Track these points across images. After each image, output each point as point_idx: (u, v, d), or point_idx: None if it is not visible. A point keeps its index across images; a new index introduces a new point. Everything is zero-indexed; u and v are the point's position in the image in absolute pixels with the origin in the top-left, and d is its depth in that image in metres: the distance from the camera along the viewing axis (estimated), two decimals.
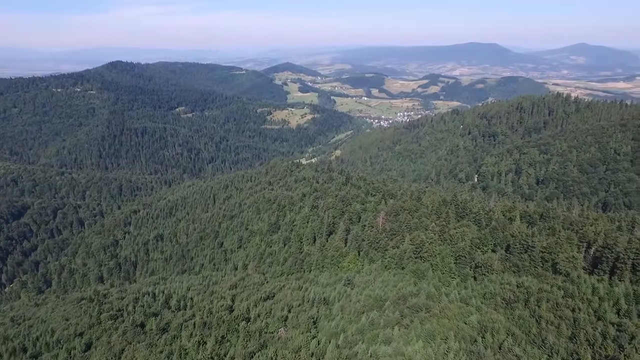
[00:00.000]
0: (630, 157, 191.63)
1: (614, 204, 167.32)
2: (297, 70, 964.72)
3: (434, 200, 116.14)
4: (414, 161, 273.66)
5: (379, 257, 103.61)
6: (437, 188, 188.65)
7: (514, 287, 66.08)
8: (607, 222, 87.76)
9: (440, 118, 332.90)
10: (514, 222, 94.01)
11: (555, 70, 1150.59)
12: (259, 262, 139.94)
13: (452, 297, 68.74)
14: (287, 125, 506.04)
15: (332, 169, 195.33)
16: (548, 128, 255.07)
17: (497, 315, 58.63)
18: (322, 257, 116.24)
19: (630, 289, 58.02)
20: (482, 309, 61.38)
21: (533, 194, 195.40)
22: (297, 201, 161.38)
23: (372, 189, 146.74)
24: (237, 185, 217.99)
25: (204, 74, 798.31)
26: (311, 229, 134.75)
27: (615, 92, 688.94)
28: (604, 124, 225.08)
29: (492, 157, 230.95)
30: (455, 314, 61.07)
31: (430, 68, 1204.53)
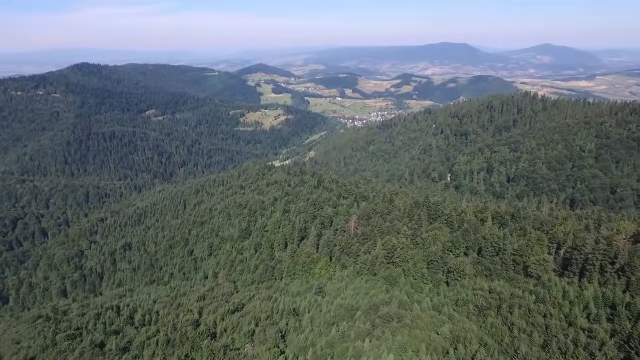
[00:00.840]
0: (594, 154, 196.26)
1: (580, 200, 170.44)
2: (271, 71, 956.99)
3: (406, 203, 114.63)
4: (388, 161, 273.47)
5: (351, 262, 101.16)
6: (410, 189, 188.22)
7: (486, 293, 64.59)
8: (576, 222, 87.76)
9: (413, 117, 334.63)
10: (486, 224, 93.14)
11: (522, 69, 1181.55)
12: (229, 270, 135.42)
13: (424, 305, 66.73)
14: (261, 127, 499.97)
15: (304, 172, 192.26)
16: (517, 126, 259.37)
17: (469, 323, 56.81)
18: (293, 263, 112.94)
19: (599, 292, 57.21)
20: (455, 318, 59.50)
21: (504, 191, 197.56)
22: (268, 206, 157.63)
23: (344, 191, 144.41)
24: (209, 190, 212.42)
25: (175, 76, 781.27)
26: (282, 234, 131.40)
27: (578, 90, 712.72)
28: (569, 122, 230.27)
29: (464, 156, 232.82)
30: (427, 323, 58.96)
31: (403, 68, 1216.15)
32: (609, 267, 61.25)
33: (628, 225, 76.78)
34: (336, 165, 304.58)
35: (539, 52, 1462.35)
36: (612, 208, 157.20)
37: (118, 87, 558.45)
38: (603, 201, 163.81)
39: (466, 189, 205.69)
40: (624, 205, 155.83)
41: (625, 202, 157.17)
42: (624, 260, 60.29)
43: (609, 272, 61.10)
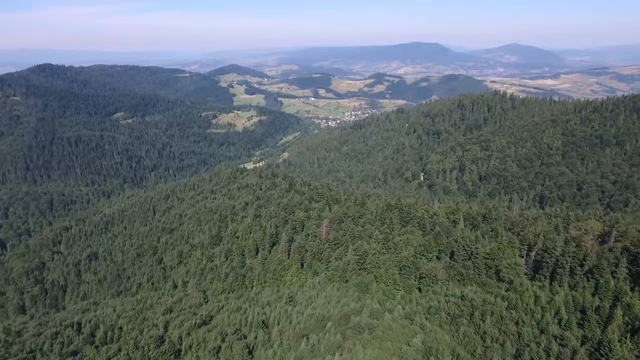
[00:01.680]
0: (561, 152, 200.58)
1: (549, 197, 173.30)
2: (243, 72, 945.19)
3: (378, 205, 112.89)
4: (362, 161, 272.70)
5: (322, 268, 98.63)
6: (383, 190, 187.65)
7: (458, 299, 63.09)
8: (545, 222, 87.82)
9: (386, 117, 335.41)
10: (458, 226, 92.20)
11: (491, 68, 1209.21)
12: (199, 279, 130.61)
13: (396, 313, 64.71)
14: (234, 129, 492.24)
15: (276, 175, 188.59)
16: (488, 124, 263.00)
17: (442, 333, 55.03)
18: (264, 271, 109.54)
19: (570, 296, 56.49)
20: (427, 327, 57.63)
21: (477, 190, 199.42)
22: (239, 210, 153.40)
23: (316, 194, 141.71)
24: (179, 195, 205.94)
25: (145, 78, 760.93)
26: (253, 240, 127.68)
27: (545, 88, 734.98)
28: (537, 120, 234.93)
29: (437, 155, 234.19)
30: (398, 334, 56.86)
31: (376, 67, 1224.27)
32: (579, 270, 60.77)
33: (595, 225, 76.99)
34: (310, 166, 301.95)
35: (506, 51, 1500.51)
36: (579, 204, 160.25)
37: (84, 89, 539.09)
38: (570, 198, 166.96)
39: (439, 188, 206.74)
40: (589, 202, 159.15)
41: (590, 198, 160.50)
42: (593, 262, 59.86)
43: (579, 274, 60.61)
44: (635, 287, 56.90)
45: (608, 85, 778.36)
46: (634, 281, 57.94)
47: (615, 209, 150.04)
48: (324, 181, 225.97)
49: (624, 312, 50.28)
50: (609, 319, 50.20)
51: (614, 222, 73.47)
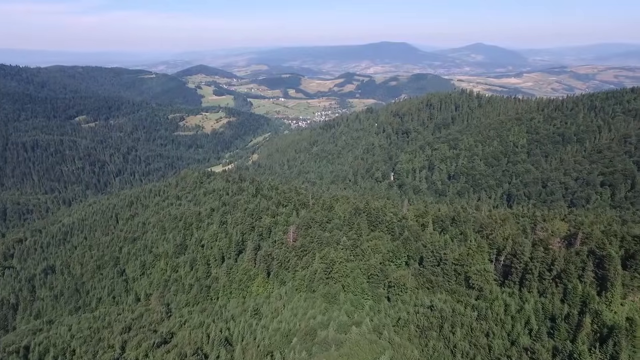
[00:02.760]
0: (526, 149, 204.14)
1: (516, 195, 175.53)
2: (212, 72, 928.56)
3: (346, 210, 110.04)
4: (332, 162, 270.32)
5: (289, 277, 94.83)
6: (352, 191, 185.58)
7: (427, 310, 60.73)
8: (513, 223, 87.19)
9: (356, 117, 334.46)
10: (427, 229, 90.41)
11: (458, 67, 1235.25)
12: (163, 291, 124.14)
13: (364, 327, 61.76)
14: (202, 131, 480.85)
15: (243, 178, 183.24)
16: (456, 123, 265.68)
17: (411, 348, 52.40)
18: (229, 281, 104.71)
19: (539, 303, 55.03)
20: (395, 342, 54.88)
21: (446, 189, 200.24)
22: (205, 217, 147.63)
23: (283, 199, 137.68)
24: (144, 202, 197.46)
25: (109, 79, 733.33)
26: (219, 248, 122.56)
27: (509, 86, 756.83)
28: (502, 119, 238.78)
29: (406, 155, 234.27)
30: (366, 351, 53.88)
31: (345, 67, 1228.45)
32: (547, 275, 59.52)
33: (561, 226, 76.59)
34: (280, 168, 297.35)
35: (472, 51, 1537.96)
36: (544, 202, 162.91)
37: (42, 91, 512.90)
38: (536, 195, 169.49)
39: (409, 188, 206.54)
40: (554, 199, 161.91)
41: (555, 195, 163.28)
42: (561, 266, 58.71)
43: (547, 279, 59.33)
44: (601, 291, 55.98)
45: (567, 84, 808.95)
46: (599, 285, 57.05)
47: (578, 205, 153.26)
48: (294, 183, 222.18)
49: (593, 320, 49.02)
50: (578, 328, 48.87)
51: (579, 223, 73.09)
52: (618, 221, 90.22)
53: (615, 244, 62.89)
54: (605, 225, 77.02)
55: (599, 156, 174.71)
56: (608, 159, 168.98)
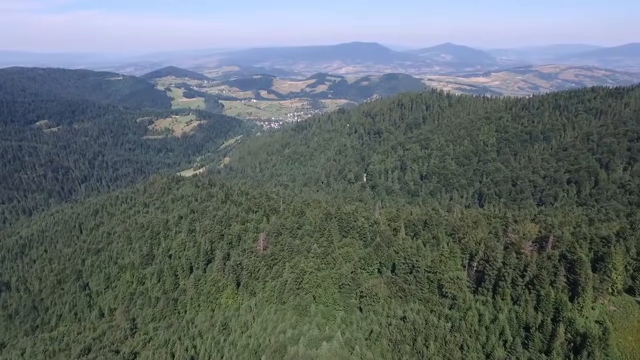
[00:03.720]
0: (496, 148, 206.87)
1: (487, 193, 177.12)
2: (182, 74, 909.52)
3: (317, 215, 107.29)
4: (304, 164, 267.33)
5: (259, 288, 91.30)
6: (324, 194, 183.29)
7: (400, 322, 58.57)
8: (485, 224, 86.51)
9: (328, 118, 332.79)
10: (399, 234, 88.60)
11: (429, 67, 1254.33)
12: (128, 305, 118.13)
13: (335, 342, 59.04)
14: (172, 134, 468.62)
15: (212, 184, 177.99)
16: (427, 123, 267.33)
17: None
18: (197, 293, 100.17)
19: (513, 312, 53.72)
20: (367, 358, 52.44)
21: (418, 189, 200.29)
22: (172, 225, 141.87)
23: (253, 204, 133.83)
24: (110, 210, 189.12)
25: (73, 81, 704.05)
26: (187, 258, 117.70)
27: (478, 85, 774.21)
28: (472, 118, 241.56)
29: (379, 155, 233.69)
30: None
31: (317, 67, 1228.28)
32: (520, 281, 58.46)
33: (532, 228, 76.19)
34: (252, 171, 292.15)
35: (442, 51, 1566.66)
36: (515, 200, 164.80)
37: None
38: (506, 194, 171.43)
39: (382, 189, 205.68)
40: (523, 197, 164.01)
41: (524, 193, 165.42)
42: (533, 272, 57.70)
43: (520, 285, 58.25)
44: (573, 296, 55.22)
45: (532, 82, 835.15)
46: (571, 290, 56.32)
47: (547, 203, 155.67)
48: (266, 187, 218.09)
49: (566, 328, 47.91)
50: (552, 337, 47.71)
51: (549, 226, 72.69)
52: (585, 220, 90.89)
53: (584, 247, 62.47)
54: (574, 225, 77.05)
55: (564, 154, 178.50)
56: (573, 156, 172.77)
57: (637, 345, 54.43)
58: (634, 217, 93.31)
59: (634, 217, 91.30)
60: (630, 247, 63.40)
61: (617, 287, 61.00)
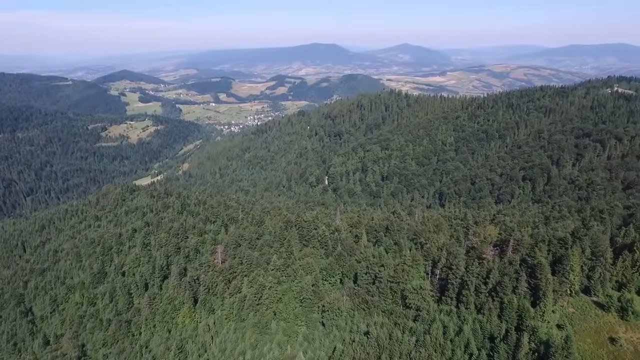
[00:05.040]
0: (454, 147, 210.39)
1: (447, 193, 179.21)
2: (137, 78, 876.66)
3: (277, 224, 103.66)
4: (265, 168, 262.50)
5: (218, 304, 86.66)
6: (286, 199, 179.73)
7: (364, 338, 56.14)
8: (446, 228, 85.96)
9: (288, 120, 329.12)
10: (361, 241, 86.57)
11: (387, 67, 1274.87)
12: (77, 329, 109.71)
13: None
14: (127, 141, 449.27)
15: (169, 193, 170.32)
16: (386, 123, 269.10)
17: None
18: (152, 313, 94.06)
19: (477, 322, 52.52)
20: None
21: (380, 190, 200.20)
22: (126, 240, 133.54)
23: (211, 214, 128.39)
24: (58, 225, 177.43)
25: (15, 87, 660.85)
26: (141, 275, 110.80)
27: (435, 85, 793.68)
28: (430, 118, 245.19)
29: (339, 157, 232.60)
30: None
31: (277, 69, 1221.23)
32: (483, 288, 57.53)
33: (492, 231, 76.05)
34: (211, 177, 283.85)
35: (399, 51, 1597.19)
36: (474, 198, 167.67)
37: None
38: (466, 192, 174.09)
39: (344, 192, 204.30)
40: (482, 195, 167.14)
41: (483, 192, 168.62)
42: (496, 278, 56.90)
43: (484, 293, 57.31)
44: (535, 301, 54.75)
45: (485, 81, 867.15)
46: (533, 294, 55.87)
47: (504, 200, 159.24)
48: (226, 193, 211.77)
49: (530, 337, 47.01)
50: (517, 347, 46.73)
51: (509, 229, 72.72)
52: (542, 219, 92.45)
53: (543, 249, 62.46)
54: (532, 226, 77.62)
55: (519, 152, 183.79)
56: (527, 154, 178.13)
57: (596, 347, 54.70)
58: (584, 213, 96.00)
59: (585, 214, 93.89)
60: (585, 247, 64.06)
61: (575, 288, 61.41)
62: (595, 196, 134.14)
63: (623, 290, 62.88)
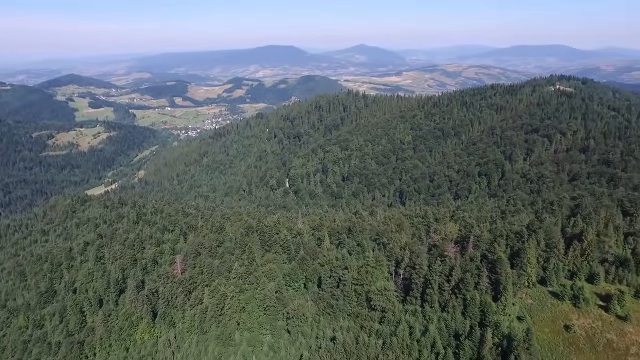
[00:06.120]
0: (412, 146, 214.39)
1: (407, 191, 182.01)
2: (86, 82, 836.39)
3: (237, 230, 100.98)
4: (224, 172, 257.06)
5: (179, 317, 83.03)
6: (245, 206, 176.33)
7: (330, 344, 55.13)
8: (408, 226, 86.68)
9: (246, 123, 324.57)
10: (324, 243, 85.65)
11: (344, 67, 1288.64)
12: (21, 356, 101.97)
13: None
14: (77, 149, 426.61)
15: (123, 202, 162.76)
16: (345, 124, 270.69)
17: None
18: (107, 331, 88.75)
19: (442, 321, 52.87)
20: None
21: (341, 191, 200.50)
22: (77, 254, 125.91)
23: (168, 223, 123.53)
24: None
25: None
26: (95, 291, 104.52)
27: (391, 84, 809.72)
28: (388, 117, 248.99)
29: (299, 159, 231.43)
30: None
31: (234, 72, 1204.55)
32: (446, 286, 58.05)
33: (453, 228, 77.20)
34: (169, 183, 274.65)
35: (356, 52, 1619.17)
36: (433, 195, 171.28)
37: None
38: (425, 190, 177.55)
39: (305, 194, 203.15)
40: (441, 192, 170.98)
41: (442, 188, 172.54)
42: (458, 275, 57.57)
43: (447, 291, 57.85)
44: (496, 296, 55.78)
45: (439, 80, 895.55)
46: (494, 289, 56.91)
47: (462, 196, 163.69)
48: (184, 200, 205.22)
49: (493, 332, 47.69)
50: (481, 343, 47.22)
51: (469, 225, 74.12)
52: (498, 213, 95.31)
53: (502, 244, 63.96)
54: (490, 221, 79.56)
55: (474, 148, 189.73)
56: (482, 150, 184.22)
57: (553, 336, 56.51)
58: (536, 206, 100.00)
59: (537, 206, 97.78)
60: (540, 239, 66.22)
61: (532, 279, 63.29)
62: (545, 189, 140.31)
63: (574, 279, 65.56)
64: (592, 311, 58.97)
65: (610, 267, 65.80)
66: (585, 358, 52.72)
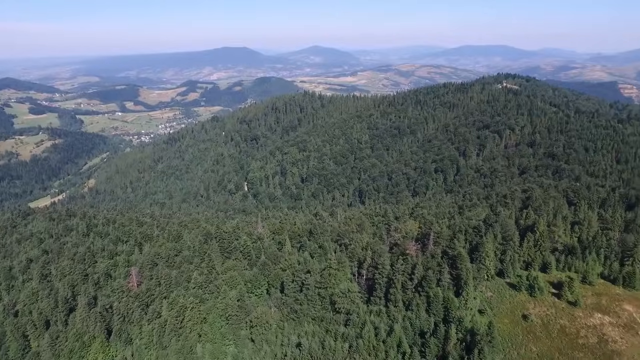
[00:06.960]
0: (369, 145, 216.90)
1: (367, 190, 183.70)
2: (25, 87, 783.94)
3: (196, 237, 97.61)
4: (180, 178, 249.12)
5: (135, 333, 78.84)
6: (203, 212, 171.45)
7: (295, 351, 53.95)
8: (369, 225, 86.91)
9: (202, 127, 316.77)
10: (285, 247, 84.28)
11: (300, 69, 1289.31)
12: None
13: None
14: (17, 158, 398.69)
15: (72, 213, 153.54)
16: (302, 125, 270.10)
17: None
18: (55, 355, 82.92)
19: (407, 319, 53.09)
20: None
21: (301, 192, 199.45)
22: (19, 273, 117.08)
23: (122, 234, 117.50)
24: None
25: None
26: (40, 312, 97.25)
27: (347, 84, 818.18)
28: (345, 117, 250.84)
29: (257, 162, 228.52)
30: None
31: (187, 74, 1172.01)
32: (409, 284, 58.45)
33: (412, 225, 78.12)
34: (122, 192, 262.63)
35: (311, 53, 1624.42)
36: (392, 193, 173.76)
37: None
38: (384, 188, 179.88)
39: (264, 197, 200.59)
40: (400, 190, 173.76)
41: (400, 186, 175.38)
42: (421, 273, 58.06)
43: (410, 289, 58.24)
44: (458, 291, 56.71)
45: (393, 80, 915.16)
46: (455, 284, 57.84)
47: (420, 193, 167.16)
48: (139, 209, 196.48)
49: (457, 328, 48.34)
50: (446, 340, 47.74)
51: (428, 222, 75.18)
52: (456, 209, 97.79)
53: (461, 239, 65.24)
54: (448, 217, 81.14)
55: (429, 145, 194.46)
56: (437, 147, 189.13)
57: (512, 326, 58.29)
58: (491, 199, 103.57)
59: (492, 200, 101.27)
60: (497, 233, 68.25)
61: (491, 272, 65.10)
62: (498, 182, 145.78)
63: (529, 269, 68.20)
64: (546, 299, 61.45)
65: (560, 256, 68.93)
66: (542, 345, 54.84)
